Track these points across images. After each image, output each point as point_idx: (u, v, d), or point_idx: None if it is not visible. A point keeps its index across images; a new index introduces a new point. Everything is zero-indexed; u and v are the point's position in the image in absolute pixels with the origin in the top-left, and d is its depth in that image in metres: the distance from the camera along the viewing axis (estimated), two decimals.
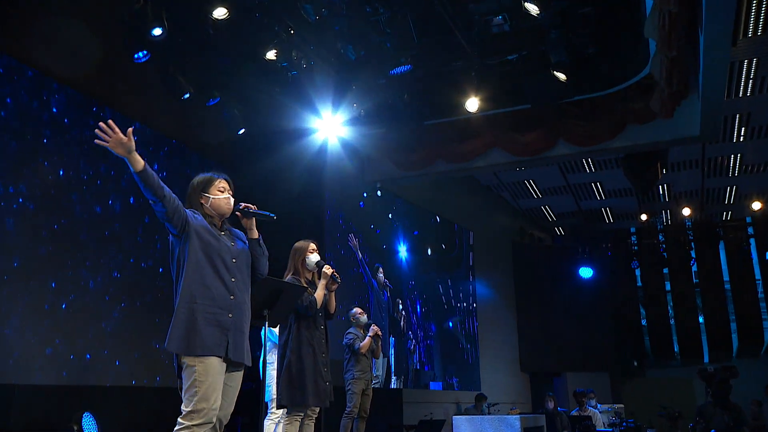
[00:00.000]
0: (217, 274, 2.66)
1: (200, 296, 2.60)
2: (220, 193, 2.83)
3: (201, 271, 2.63)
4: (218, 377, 2.56)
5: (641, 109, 7.74)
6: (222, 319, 2.62)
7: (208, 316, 2.59)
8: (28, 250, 5.62)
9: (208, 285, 2.63)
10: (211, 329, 2.58)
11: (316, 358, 3.84)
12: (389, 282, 9.69)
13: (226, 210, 2.83)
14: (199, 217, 2.75)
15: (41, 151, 5.89)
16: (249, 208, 2.92)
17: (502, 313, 13.41)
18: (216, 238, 2.74)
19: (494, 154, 8.88)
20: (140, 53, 6.20)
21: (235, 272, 2.73)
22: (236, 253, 2.78)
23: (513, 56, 7.16)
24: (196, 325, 2.55)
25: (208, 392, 2.51)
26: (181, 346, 2.53)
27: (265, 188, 8.24)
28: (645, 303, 15.52)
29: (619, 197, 13.19)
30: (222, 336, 2.61)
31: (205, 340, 2.55)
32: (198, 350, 2.53)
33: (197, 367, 2.52)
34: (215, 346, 2.57)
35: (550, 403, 9.12)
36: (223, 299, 2.65)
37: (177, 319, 2.57)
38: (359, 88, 7.42)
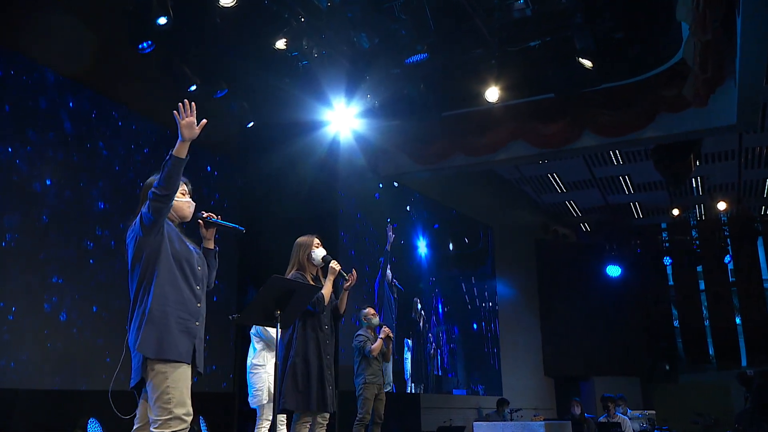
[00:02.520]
0: (185, 280, 2.71)
1: (173, 300, 2.63)
2: (181, 196, 2.84)
3: (173, 275, 2.67)
4: (188, 383, 2.60)
5: (673, 97, 7.62)
6: (190, 326, 2.66)
7: (179, 321, 2.63)
8: (29, 251, 5.68)
9: (179, 289, 2.67)
10: (182, 335, 2.62)
11: (321, 360, 3.80)
12: (399, 282, 9.56)
13: (187, 214, 2.86)
14: (169, 221, 2.78)
15: (43, 145, 5.95)
16: (212, 218, 2.92)
17: (525, 314, 13.34)
18: (185, 244, 2.78)
19: (516, 146, 8.81)
20: (144, 43, 6.22)
21: (200, 280, 2.79)
22: (200, 260, 2.82)
23: (535, 43, 7.09)
24: (170, 330, 2.58)
25: (184, 397, 2.55)
26: (155, 350, 2.55)
27: (275, 183, 8.29)
28: (677, 303, 15.32)
29: (649, 191, 13.03)
30: (190, 343, 2.65)
31: (178, 346, 2.58)
32: (171, 355, 2.56)
33: (170, 372, 2.54)
34: (185, 353, 2.61)
35: (576, 408, 9.05)
36: (192, 306, 2.70)
37: (149, 321, 2.58)
38: (373, 78, 7.40)
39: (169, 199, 2.61)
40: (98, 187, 6.42)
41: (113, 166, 6.58)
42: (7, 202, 5.57)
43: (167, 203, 2.62)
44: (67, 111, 6.22)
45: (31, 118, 5.85)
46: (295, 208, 8.07)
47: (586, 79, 7.00)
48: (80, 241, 6.18)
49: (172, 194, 2.60)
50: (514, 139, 8.74)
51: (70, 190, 6.16)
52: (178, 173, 2.59)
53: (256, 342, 5.12)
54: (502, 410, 9.99)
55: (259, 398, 4.96)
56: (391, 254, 9.28)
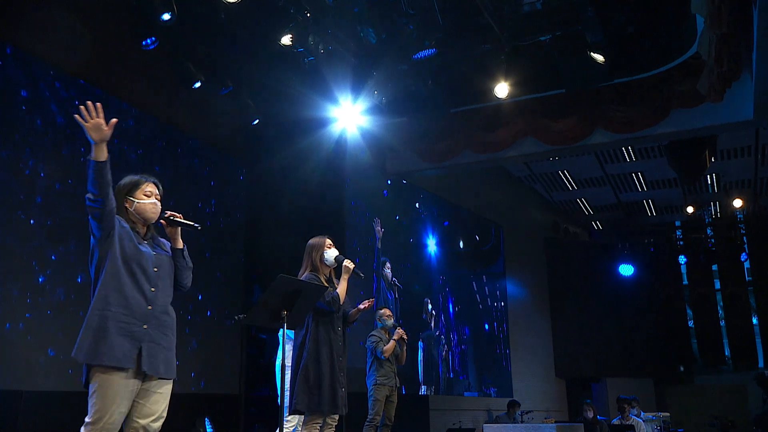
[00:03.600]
0: (135, 282, 2.71)
1: (115, 304, 2.64)
2: (145, 198, 2.86)
3: (119, 279, 2.67)
4: (120, 390, 2.60)
5: (687, 92, 7.58)
6: (135, 330, 2.65)
7: (121, 325, 2.62)
8: (33, 252, 5.72)
9: (125, 294, 2.67)
10: (122, 339, 2.61)
11: (333, 362, 3.84)
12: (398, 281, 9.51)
13: (151, 216, 2.86)
14: (124, 224, 2.79)
15: (45, 143, 5.98)
16: (174, 217, 2.93)
17: (535, 315, 13.31)
18: (138, 245, 2.78)
19: (526, 143, 8.79)
20: (148, 40, 6.26)
21: (155, 282, 2.77)
22: (158, 262, 2.82)
23: (546, 37, 7.06)
24: (107, 334, 2.59)
25: (106, 405, 2.56)
26: (88, 356, 2.57)
27: (280, 181, 8.30)
28: (692, 303, 15.24)
29: (662, 188, 12.97)
30: (133, 347, 2.63)
31: (114, 351, 2.58)
32: (105, 360, 2.56)
33: (99, 378, 2.57)
34: (123, 357, 2.60)
35: (588, 411, 9.03)
36: (139, 309, 2.69)
37: (87, 326, 2.61)
38: (380, 74, 7.39)
39: (102, 204, 2.61)
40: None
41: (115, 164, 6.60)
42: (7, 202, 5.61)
43: (102, 207, 2.62)
44: (68, 108, 6.24)
45: (32, 115, 5.88)
46: (301, 206, 8.09)
47: (597, 74, 6.97)
48: (83, 242, 6.20)
49: (104, 198, 2.60)
50: (524, 136, 8.72)
51: (71, 189, 6.18)
52: (102, 176, 2.58)
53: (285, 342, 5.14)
54: (512, 412, 9.98)
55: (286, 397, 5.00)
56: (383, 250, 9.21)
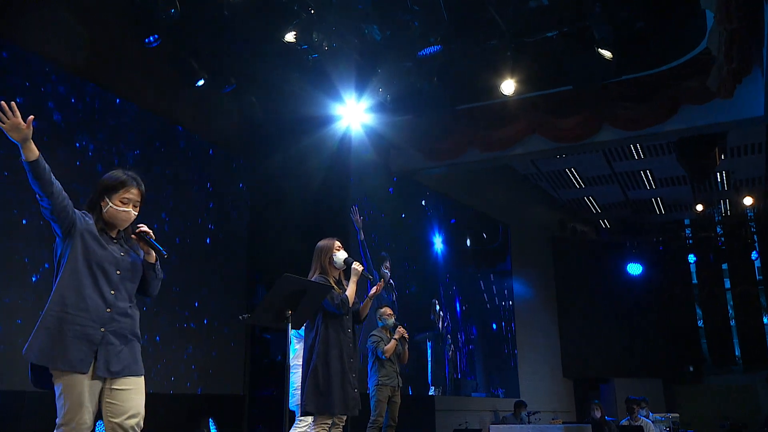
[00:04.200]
0: (95, 284, 2.65)
1: (72, 305, 2.59)
2: (121, 205, 2.76)
3: (78, 279, 2.63)
4: (84, 393, 2.58)
5: (697, 89, 7.54)
6: (91, 333, 2.60)
7: (76, 328, 2.58)
8: (37, 253, 5.74)
9: (83, 295, 2.62)
10: (77, 343, 2.57)
11: (343, 363, 3.87)
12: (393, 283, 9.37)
13: (120, 224, 2.79)
14: (89, 221, 2.72)
15: (47, 141, 6.00)
16: (146, 234, 2.83)
17: (542, 314, 13.29)
18: (103, 246, 2.71)
19: (532, 140, 8.77)
20: (151, 37, 6.27)
21: (117, 285, 2.71)
22: (123, 264, 2.75)
23: (552, 33, 7.04)
24: (63, 337, 2.55)
25: (74, 407, 2.56)
26: (41, 358, 2.55)
27: (284, 180, 8.31)
28: (702, 302, 15.18)
29: (671, 186, 12.92)
30: (89, 351, 2.59)
31: (69, 355, 2.54)
32: (60, 364, 2.54)
33: (62, 381, 2.57)
34: (78, 362, 2.56)
35: (596, 411, 9.00)
36: (96, 312, 2.63)
37: (42, 326, 2.57)
38: (385, 71, 7.39)
39: (49, 203, 2.57)
40: None
41: (116, 161, 6.62)
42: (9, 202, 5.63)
43: (50, 206, 2.58)
44: (70, 105, 6.26)
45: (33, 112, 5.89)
46: (305, 205, 8.09)
47: (605, 71, 6.93)
48: None
49: (49, 196, 2.56)
50: (530, 134, 8.69)
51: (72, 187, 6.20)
52: (39, 175, 2.52)
53: (296, 342, 5.15)
54: (519, 413, 9.97)
55: (297, 398, 5.01)
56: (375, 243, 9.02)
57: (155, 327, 6.65)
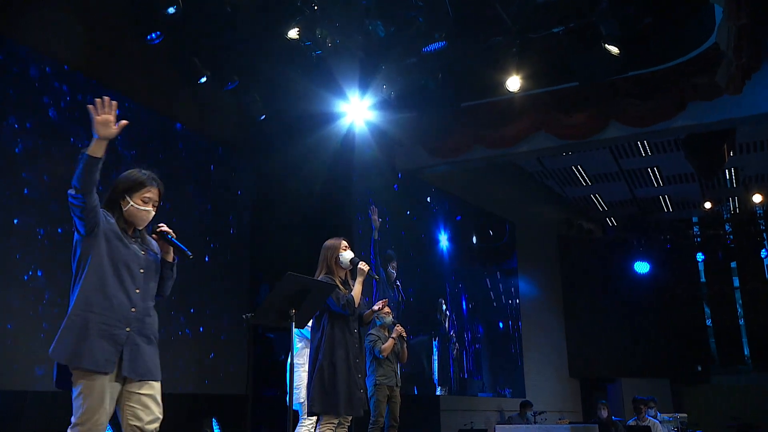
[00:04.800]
0: (120, 283, 2.66)
1: (98, 305, 2.60)
2: (142, 204, 2.79)
3: (103, 278, 2.63)
4: (105, 394, 2.58)
5: (705, 85, 7.51)
6: (117, 333, 2.62)
7: (103, 327, 2.59)
8: (41, 255, 5.75)
9: (108, 294, 2.63)
10: (103, 343, 2.58)
11: (349, 364, 3.87)
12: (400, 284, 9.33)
13: (140, 223, 2.81)
14: (111, 220, 2.74)
15: (48, 140, 6.01)
16: (167, 234, 2.87)
17: (548, 313, 13.27)
18: (125, 244, 2.73)
19: (538, 137, 8.75)
20: (152, 34, 6.27)
21: (140, 283, 2.73)
22: (145, 263, 2.78)
23: (559, 29, 7.02)
24: (88, 337, 2.56)
25: (93, 408, 2.56)
26: (68, 357, 2.55)
27: (288, 178, 8.31)
28: (710, 301, 15.14)
29: (679, 183, 12.88)
30: (114, 351, 2.60)
31: (95, 355, 2.55)
32: (85, 364, 2.54)
33: (83, 382, 2.56)
34: (104, 362, 2.57)
35: (603, 411, 8.99)
36: (122, 311, 2.64)
37: (67, 326, 2.58)
38: (389, 68, 7.38)
39: (83, 201, 2.57)
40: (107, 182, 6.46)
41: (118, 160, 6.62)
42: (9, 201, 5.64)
43: (83, 205, 2.58)
44: (71, 103, 6.27)
45: (33, 110, 5.91)
46: (309, 203, 8.09)
47: (612, 67, 6.91)
48: None
49: (85, 195, 2.56)
50: (536, 131, 8.67)
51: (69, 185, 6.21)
52: (91, 173, 2.55)
53: (297, 341, 5.15)
54: (524, 413, 9.96)
55: (298, 396, 5.01)
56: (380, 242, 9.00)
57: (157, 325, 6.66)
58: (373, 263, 8.53)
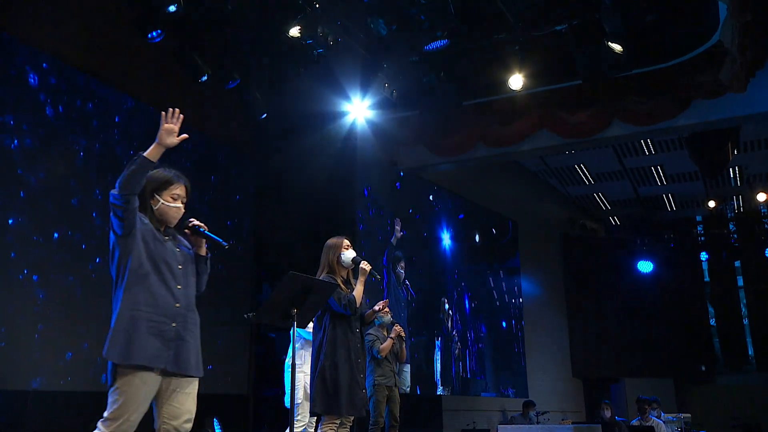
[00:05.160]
0: (162, 281, 2.72)
1: (144, 303, 2.65)
2: (171, 201, 2.84)
3: (145, 277, 2.68)
4: (144, 391, 2.61)
5: (709, 83, 7.49)
6: (165, 329, 2.67)
7: (151, 324, 2.64)
8: (42, 253, 5.75)
9: (152, 292, 2.68)
10: (153, 339, 2.63)
11: (351, 364, 3.88)
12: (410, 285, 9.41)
13: (172, 220, 2.86)
14: (145, 220, 2.78)
15: (47, 139, 6.02)
16: (199, 228, 2.92)
17: (551, 312, 13.26)
18: (162, 243, 2.78)
19: (541, 136, 8.74)
20: (154, 32, 6.26)
21: (180, 279, 2.79)
22: (182, 258, 2.84)
23: (562, 26, 7.00)
24: (139, 334, 2.60)
25: (128, 403, 2.58)
26: (121, 355, 2.58)
27: (289, 177, 8.31)
28: (714, 300, 15.12)
29: (683, 182, 12.86)
30: (164, 347, 2.66)
31: (146, 350, 2.60)
32: (136, 359, 2.58)
33: (125, 377, 2.59)
34: (155, 358, 2.62)
35: (606, 411, 8.97)
36: (167, 307, 2.70)
37: (118, 326, 2.62)
38: (391, 66, 7.37)
39: (127, 202, 2.61)
40: (104, 185, 6.47)
41: (121, 159, 6.63)
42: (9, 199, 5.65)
43: (126, 205, 2.62)
44: (69, 99, 6.27)
45: (32, 108, 5.92)
46: (311, 202, 8.09)
47: (615, 65, 6.89)
48: (94, 245, 6.24)
49: (129, 196, 2.60)
50: (539, 129, 8.66)
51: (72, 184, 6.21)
52: (141, 176, 2.61)
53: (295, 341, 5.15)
54: (527, 413, 9.95)
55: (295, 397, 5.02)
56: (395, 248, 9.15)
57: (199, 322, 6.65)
58: (384, 263, 8.61)
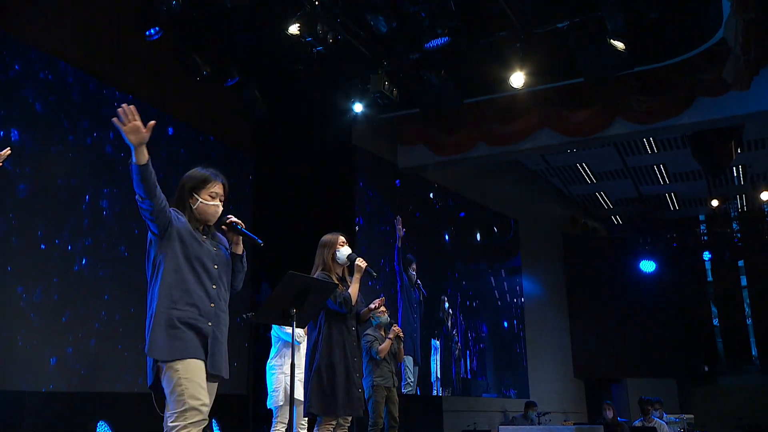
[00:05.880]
0: (198, 280, 2.74)
1: (181, 302, 2.68)
2: (210, 199, 2.87)
3: (181, 275, 2.71)
4: (202, 376, 2.64)
5: (712, 81, 7.50)
6: (202, 327, 2.70)
7: (190, 321, 2.67)
8: (37, 254, 5.76)
9: (188, 290, 2.70)
10: (193, 335, 2.66)
11: (347, 363, 3.86)
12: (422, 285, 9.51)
13: (211, 219, 2.88)
14: (182, 219, 2.80)
15: (45, 137, 6.02)
16: (237, 224, 2.95)
17: (553, 313, 13.26)
18: (199, 242, 2.80)
19: (542, 135, 8.75)
20: (152, 30, 6.27)
21: (216, 279, 2.80)
22: (218, 258, 2.85)
23: (563, 24, 7.01)
24: (178, 331, 2.64)
25: (197, 389, 2.59)
26: (163, 353, 2.61)
27: (288, 175, 8.31)
28: (717, 300, 15.12)
29: (685, 181, 12.86)
30: (201, 342, 2.69)
31: (188, 345, 2.64)
32: (181, 354, 2.61)
33: (179, 367, 2.60)
34: (194, 350, 2.65)
35: (608, 412, 8.98)
36: (203, 307, 2.72)
37: (157, 324, 2.64)
38: (391, 64, 7.37)
39: (151, 204, 2.62)
40: (102, 184, 6.47)
41: (119, 157, 6.63)
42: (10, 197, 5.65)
43: (151, 208, 2.63)
44: (67, 97, 6.27)
45: (30, 103, 5.92)
46: (311, 200, 8.10)
47: (617, 62, 6.90)
48: (78, 240, 6.24)
49: (151, 198, 2.61)
50: (540, 128, 8.67)
51: (72, 183, 6.22)
52: (146, 178, 2.58)
53: (275, 342, 5.18)
54: (528, 413, 9.96)
55: (275, 399, 5.03)
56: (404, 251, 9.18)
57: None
58: (397, 269, 8.66)
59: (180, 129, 7.48)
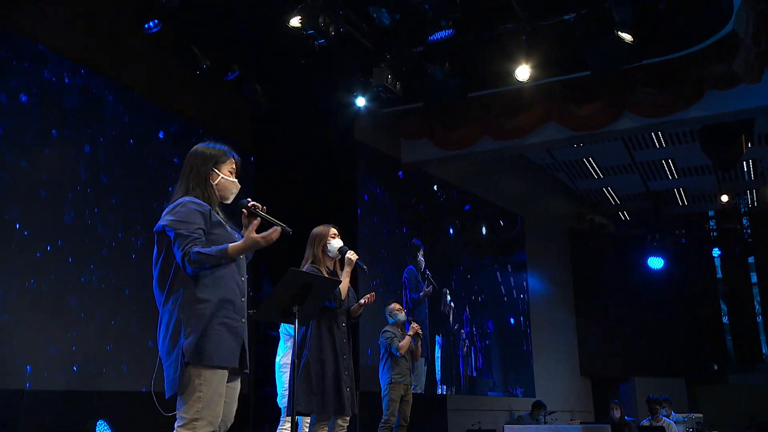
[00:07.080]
0: (231, 273, 2.59)
1: (218, 299, 2.53)
2: (230, 175, 2.73)
3: (218, 271, 2.55)
4: (222, 387, 2.53)
5: (722, 73, 7.47)
6: (237, 326, 2.57)
7: (226, 321, 2.53)
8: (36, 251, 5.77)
9: (225, 287, 2.56)
10: (229, 337, 2.53)
11: (337, 360, 3.79)
12: (432, 277, 9.57)
13: (230, 195, 2.74)
14: (206, 207, 2.61)
15: (42, 133, 6.02)
16: (258, 209, 2.75)
17: (559, 310, 13.27)
18: (226, 229, 2.64)
19: (548, 129, 8.73)
20: (151, 22, 6.27)
21: (243, 270, 2.66)
22: None
23: (570, 16, 6.98)
24: (214, 333, 2.49)
25: (213, 401, 2.48)
26: (194, 356, 2.44)
27: (290, 170, 8.31)
28: (726, 297, 15.09)
29: (694, 176, 12.83)
30: (237, 345, 2.57)
31: (223, 350, 2.49)
32: (213, 360, 2.46)
33: (206, 376, 2.47)
34: (231, 356, 2.53)
35: (615, 411, 8.99)
36: (237, 302, 2.60)
37: (188, 323, 2.48)
38: (394, 57, 7.36)
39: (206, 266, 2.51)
40: (100, 183, 6.48)
41: (116, 152, 6.64)
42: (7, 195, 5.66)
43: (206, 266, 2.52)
44: (66, 94, 6.28)
45: (29, 99, 5.92)
46: (312, 195, 8.10)
47: (625, 55, 6.87)
48: (78, 240, 6.25)
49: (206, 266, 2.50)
50: (546, 122, 8.66)
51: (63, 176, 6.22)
52: (216, 264, 2.51)
53: (286, 340, 5.14)
54: (536, 414, 9.96)
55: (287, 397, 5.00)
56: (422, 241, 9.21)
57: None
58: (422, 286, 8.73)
59: (178, 123, 7.48)
